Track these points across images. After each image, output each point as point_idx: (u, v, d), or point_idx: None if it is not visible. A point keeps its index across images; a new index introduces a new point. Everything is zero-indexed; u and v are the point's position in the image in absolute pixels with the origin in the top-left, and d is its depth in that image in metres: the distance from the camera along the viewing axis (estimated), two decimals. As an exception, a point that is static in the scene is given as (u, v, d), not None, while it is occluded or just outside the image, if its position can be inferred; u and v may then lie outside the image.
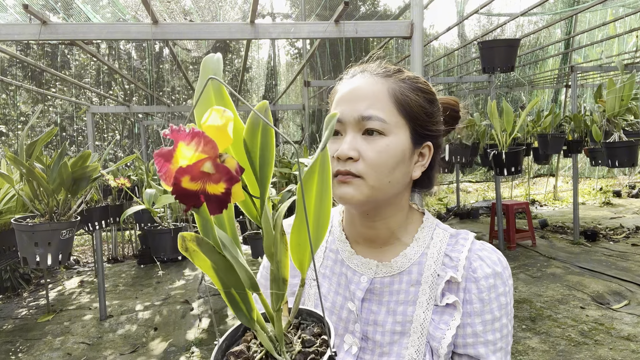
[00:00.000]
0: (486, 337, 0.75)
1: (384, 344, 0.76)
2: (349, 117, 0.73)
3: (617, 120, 3.62)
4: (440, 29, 16.50)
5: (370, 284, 0.79)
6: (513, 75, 8.16)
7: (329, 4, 6.54)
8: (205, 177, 0.41)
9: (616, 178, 11.55)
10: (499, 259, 0.79)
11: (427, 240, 0.81)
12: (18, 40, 1.96)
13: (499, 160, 3.85)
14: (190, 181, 0.41)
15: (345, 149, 0.71)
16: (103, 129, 10.36)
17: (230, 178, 0.42)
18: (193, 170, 0.40)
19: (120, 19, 4.13)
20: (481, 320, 0.75)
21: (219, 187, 0.41)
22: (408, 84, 0.77)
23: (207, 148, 0.41)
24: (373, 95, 0.74)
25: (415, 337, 0.75)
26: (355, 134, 0.73)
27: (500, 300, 0.76)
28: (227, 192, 0.42)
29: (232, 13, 5.55)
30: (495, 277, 0.76)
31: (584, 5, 4.33)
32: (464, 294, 0.76)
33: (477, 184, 12.55)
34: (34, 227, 2.09)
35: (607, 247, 5.91)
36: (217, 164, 0.41)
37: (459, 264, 0.77)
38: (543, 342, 3.48)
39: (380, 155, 0.72)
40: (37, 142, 2.18)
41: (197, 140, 0.40)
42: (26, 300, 5.15)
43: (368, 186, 0.72)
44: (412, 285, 0.78)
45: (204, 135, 0.41)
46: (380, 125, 0.72)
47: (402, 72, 0.79)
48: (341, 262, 0.83)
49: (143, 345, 3.83)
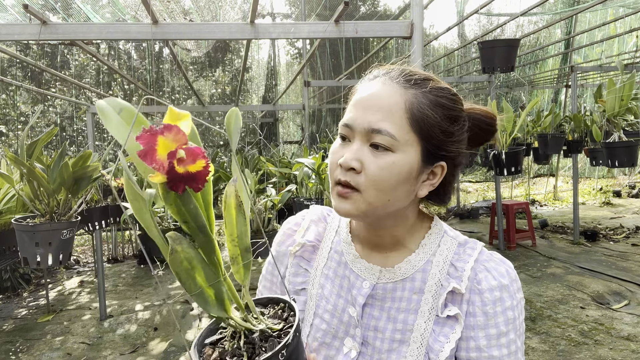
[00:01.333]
0: (491, 353, 0.71)
1: (383, 350, 0.75)
2: (359, 126, 0.70)
3: (617, 120, 3.62)
4: (440, 29, 16.51)
5: (373, 290, 0.78)
6: (513, 75, 8.16)
7: (329, 4, 6.54)
8: (184, 162, 0.50)
9: (616, 178, 11.55)
10: (507, 270, 0.75)
11: (433, 247, 0.78)
12: (18, 40, 1.97)
13: (499, 160, 3.86)
14: (178, 165, 0.50)
15: (349, 159, 0.69)
16: (103, 129, 10.35)
17: (204, 155, 0.51)
18: (177, 155, 0.50)
19: (120, 19, 4.13)
20: (485, 335, 0.72)
21: (199, 164, 0.51)
22: (429, 99, 0.71)
23: (179, 136, 0.50)
24: (388, 107, 0.69)
25: (414, 347, 0.73)
26: (363, 144, 0.70)
27: (507, 314, 0.72)
28: (207, 165, 0.51)
29: (232, 13, 5.55)
30: (501, 289, 0.73)
31: (584, 5, 4.33)
32: (467, 306, 0.73)
33: (477, 184, 12.55)
34: (35, 227, 2.09)
35: (607, 247, 5.91)
36: (191, 148, 0.51)
37: (463, 275, 0.74)
38: (543, 342, 3.49)
39: (383, 172, 0.68)
40: (37, 142, 2.18)
41: (171, 131, 0.50)
42: (26, 300, 5.15)
43: (365, 202, 0.69)
44: (415, 293, 0.75)
45: (176, 127, 0.50)
46: (388, 142, 0.68)
47: (428, 81, 0.73)
48: (345, 264, 0.82)
49: (143, 345, 3.83)
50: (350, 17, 9.22)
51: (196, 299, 0.58)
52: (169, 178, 0.50)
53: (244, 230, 0.61)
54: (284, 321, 0.62)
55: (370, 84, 0.74)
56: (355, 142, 0.71)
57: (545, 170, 12.17)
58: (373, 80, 0.75)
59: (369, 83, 0.75)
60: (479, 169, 12.50)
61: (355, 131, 0.71)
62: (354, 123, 0.71)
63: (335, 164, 0.72)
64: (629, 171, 11.14)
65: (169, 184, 0.51)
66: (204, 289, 0.58)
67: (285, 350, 0.55)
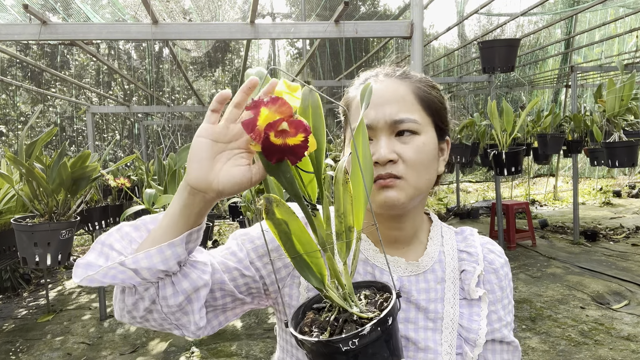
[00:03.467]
0: (506, 319, 0.83)
1: (419, 340, 0.77)
2: (380, 122, 0.73)
3: (617, 120, 3.62)
4: (440, 29, 16.50)
5: (400, 283, 0.79)
6: (513, 75, 8.16)
7: (329, 4, 6.54)
8: (284, 134, 0.52)
9: (616, 178, 11.55)
10: (500, 249, 0.88)
11: (439, 238, 0.85)
12: (18, 40, 1.96)
13: (499, 160, 3.85)
14: (275, 137, 0.51)
15: (385, 152, 0.72)
16: (103, 129, 10.35)
17: (305, 129, 0.52)
18: (276, 125, 0.51)
19: (119, 19, 4.13)
20: (502, 306, 0.82)
21: (298, 137, 0.52)
22: (424, 84, 0.79)
23: (284, 109, 0.51)
24: (401, 98, 0.75)
25: (447, 333, 0.78)
26: (389, 137, 0.74)
27: (510, 284, 0.86)
28: (305, 140, 0.52)
29: (232, 12, 5.55)
30: (506, 265, 0.86)
31: (584, 5, 4.33)
32: (484, 285, 0.82)
33: (477, 184, 12.54)
34: (34, 227, 2.09)
35: (607, 247, 5.91)
36: (293, 120, 0.52)
37: (479, 259, 0.82)
38: (543, 342, 3.48)
39: (419, 155, 0.73)
40: (37, 142, 2.18)
41: (276, 103, 0.51)
42: (26, 300, 5.15)
43: (410, 186, 0.73)
44: (438, 282, 0.80)
45: (281, 99, 0.51)
46: (413, 127, 0.74)
47: (412, 74, 0.81)
48: (364, 261, 0.81)
49: (143, 345, 3.83)
50: (350, 17, 9.22)
51: (295, 264, 0.61)
52: (263, 148, 0.52)
53: (348, 208, 0.61)
54: (380, 311, 0.62)
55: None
56: (381, 138, 0.74)
57: (545, 170, 12.17)
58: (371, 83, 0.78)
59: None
60: (479, 169, 12.50)
61: (377, 129, 0.74)
62: (374, 121, 0.74)
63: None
64: (629, 171, 11.13)
65: (264, 153, 0.53)
66: (301, 255, 0.61)
67: (358, 340, 0.55)
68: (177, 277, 0.66)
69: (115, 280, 0.63)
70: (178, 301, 0.66)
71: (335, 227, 0.62)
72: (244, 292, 0.78)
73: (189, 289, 0.67)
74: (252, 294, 0.80)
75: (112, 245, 0.66)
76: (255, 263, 0.79)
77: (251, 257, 0.79)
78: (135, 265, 0.61)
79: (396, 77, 0.78)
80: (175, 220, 0.63)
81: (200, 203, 0.62)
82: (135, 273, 0.62)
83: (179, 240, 0.63)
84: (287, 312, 0.79)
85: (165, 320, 0.68)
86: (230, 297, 0.76)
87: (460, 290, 0.81)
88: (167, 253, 0.62)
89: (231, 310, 0.79)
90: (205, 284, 0.69)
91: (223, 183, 0.59)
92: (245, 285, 0.78)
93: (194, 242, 0.66)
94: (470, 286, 0.80)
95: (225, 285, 0.75)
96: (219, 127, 0.59)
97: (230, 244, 0.82)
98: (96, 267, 0.62)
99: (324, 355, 0.57)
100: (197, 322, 0.69)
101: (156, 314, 0.67)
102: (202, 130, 0.59)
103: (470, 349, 0.77)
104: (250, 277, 0.78)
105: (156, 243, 0.63)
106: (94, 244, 0.66)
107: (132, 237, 0.68)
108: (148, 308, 0.67)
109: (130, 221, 0.70)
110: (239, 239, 0.81)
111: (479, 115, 5.07)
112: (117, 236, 0.67)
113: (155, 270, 0.62)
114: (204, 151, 0.58)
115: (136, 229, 0.69)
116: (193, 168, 0.59)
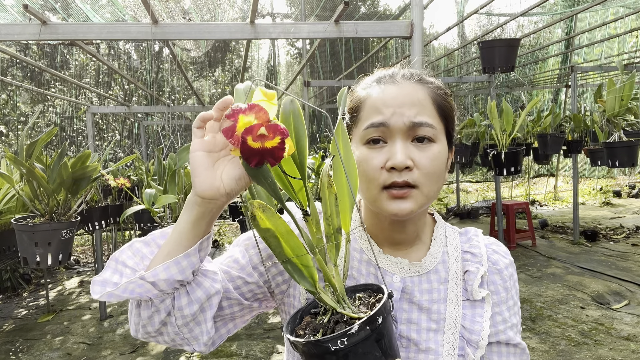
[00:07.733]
0: (512, 321, 0.81)
1: (420, 341, 0.77)
2: (398, 123, 0.72)
3: (617, 120, 3.62)
4: (440, 29, 16.49)
5: (403, 283, 0.79)
6: (513, 75, 8.15)
7: (329, 4, 6.54)
8: (262, 138, 0.54)
9: (616, 178, 11.55)
10: (506, 249, 0.86)
11: (443, 239, 0.84)
12: (18, 40, 1.96)
13: (499, 160, 3.85)
14: (252, 140, 0.54)
15: (402, 159, 0.70)
16: (103, 129, 10.36)
17: (282, 132, 0.55)
18: (253, 131, 0.54)
19: (119, 19, 4.13)
20: (507, 307, 0.81)
21: (275, 140, 0.54)
22: (440, 90, 0.78)
23: (261, 114, 0.54)
24: (419, 102, 0.74)
25: (449, 334, 0.77)
26: (405, 142, 0.72)
27: (516, 286, 0.84)
28: (282, 142, 0.55)
29: (231, 12, 5.55)
30: (511, 266, 0.84)
31: (584, 5, 4.33)
32: (488, 286, 0.81)
33: (477, 184, 12.54)
34: (34, 227, 2.09)
35: (607, 247, 5.91)
36: (270, 124, 0.54)
37: (482, 259, 0.81)
38: (543, 342, 3.48)
39: (434, 164, 0.72)
40: (37, 142, 2.18)
41: (253, 110, 0.54)
42: (26, 300, 5.15)
43: (423, 196, 0.72)
44: (442, 283, 0.80)
45: (257, 106, 0.55)
46: (431, 132, 0.73)
47: (429, 79, 0.80)
48: (367, 262, 0.81)
49: (143, 345, 3.83)
50: (350, 17, 9.22)
51: (286, 268, 0.63)
52: (242, 151, 0.55)
53: (334, 210, 0.63)
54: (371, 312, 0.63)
55: (387, 86, 0.76)
56: (397, 142, 0.72)
57: (545, 170, 12.17)
58: (387, 83, 0.77)
59: (385, 85, 0.76)
60: (479, 169, 12.50)
61: (393, 130, 0.72)
62: (390, 121, 0.72)
63: (377, 169, 0.72)
64: (629, 171, 11.13)
65: (244, 157, 0.55)
66: (291, 259, 0.63)
67: (347, 339, 0.56)
68: (192, 286, 0.69)
69: (133, 294, 0.66)
70: (193, 310, 0.69)
71: (324, 230, 0.64)
72: (250, 298, 0.80)
73: (203, 297, 0.70)
74: (258, 299, 0.82)
75: (125, 262, 0.69)
76: (258, 267, 0.80)
77: (254, 262, 0.80)
78: (154, 278, 0.64)
79: (415, 80, 0.77)
80: (187, 231, 0.67)
81: (212, 210, 0.65)
82: (153, 285, 0.65)
83: (193, 250, 0.66)
84: (291, 313, 0.79)
85: (178, 335, 0.71)
86: (238, 305, 0.78)
87: (464, 291, 0.80)
88: (183, 264, 0.66)
89: (240, 317, 0.82)
90: (217, 292, 0.72)
91: (228, 184, 0.62)
92: (250, 292, 0.80)
93: (205, 250, 0.69)
94: (473, 287, 0.79)
95: (230, 294, 0.77)
96: (207, 139, 0.63)
97: (232, 251, 0.83)
98: (112, 284, 0.66)
99: (315, 355, 0.58)
100: (208, 331, 0.72)
101: (170, 327, 0.70)
102: (194, 145, 0.63)
103: (472, 351, 0.77)
104: (254, 283, 0.79)
105: (171, 255, 0.66)
106: (109, 261, 0.69)
107: (144, 253, 0.71)
108: (163, 321, 0.69)
109: (141, 237, 0.73)
110: (242, 245, 0.83)
111: (479, 115, 5.07)
112: (129, 253, 0.71)
113: (173, 280, 0.66)
114: (202, 163, 0.62)
115: (146, 244, 0.72)
116: (198, 182, 0.63)
